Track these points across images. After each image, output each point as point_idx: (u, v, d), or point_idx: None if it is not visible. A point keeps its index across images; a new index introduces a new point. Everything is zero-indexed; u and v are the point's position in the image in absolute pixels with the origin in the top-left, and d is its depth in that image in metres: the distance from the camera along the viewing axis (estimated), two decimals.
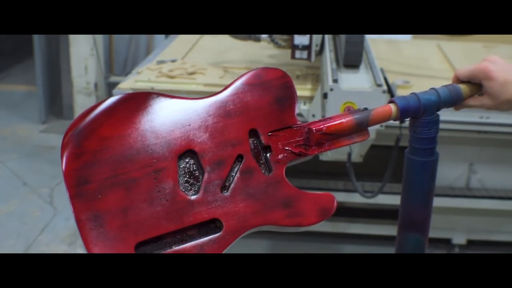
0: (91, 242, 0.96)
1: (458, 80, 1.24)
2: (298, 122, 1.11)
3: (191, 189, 1.03)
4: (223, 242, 1.00)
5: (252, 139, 1.07)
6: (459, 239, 3.01)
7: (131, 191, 0.99)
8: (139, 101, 1.03)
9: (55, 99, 5.10)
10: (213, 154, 1.04)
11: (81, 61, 3.89)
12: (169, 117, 1.04)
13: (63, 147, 1.00)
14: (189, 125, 1.04)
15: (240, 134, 1.06)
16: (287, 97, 1.09)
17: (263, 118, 1.08)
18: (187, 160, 1.04)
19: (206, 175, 1.03)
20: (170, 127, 1.03)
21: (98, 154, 0.99)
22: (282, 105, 1.09)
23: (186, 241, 1.00)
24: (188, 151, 1.04)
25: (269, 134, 1.08)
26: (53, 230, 3.40)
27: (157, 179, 1.01)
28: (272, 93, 1.09)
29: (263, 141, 1.07)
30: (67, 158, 1.00)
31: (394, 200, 2.65)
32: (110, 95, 2.87)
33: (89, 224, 0.96)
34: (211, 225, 1.02)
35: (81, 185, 0.98)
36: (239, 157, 1.05)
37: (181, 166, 1.03)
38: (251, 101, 1.07)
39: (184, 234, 1.01)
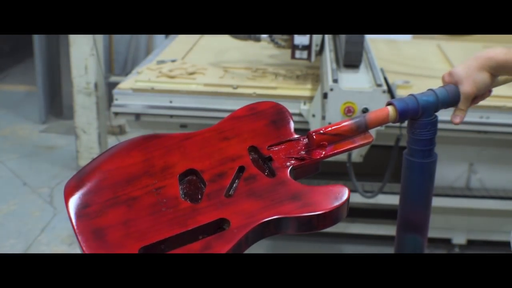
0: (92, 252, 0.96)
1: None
2: (296, 136, 1.11)
3: (193, 199, 1.02)
4: (230, 237, 0.96)
5: (252, 153, 1.08)
6: (459, 239, 3.01)
7: (133, 207, 1.00)
8: (137, 142, 1.08)
9: (55, 99, 5.10)
10: (214, 169, 1.05)
11: (81, 61, 3.88)
12: (167, 148, 1.07)
13: (66, 186, 1.03)
14: (187, 151, 1.07)
15: (239, 151, 1.08)
16: (281, 119, 1.13)
17: (260, 137, 1.09)
18: (188, 177, 1.05)
19: (208, 186, 1.03)
20: (168, 155, 1.06)
21: (98, 183, 1.02)
22: (277, 125, 1.11)
23: (192, 240, 0.97)
24: (188, 170, 1.05)
25: (268, 148, 1.08)
26: (53, 230, 3.40)
27: (159, 194, 1.01)
28: (266, 118, 1.11)
29: (263, 154, 1.07)
30: (68, 190, 1.02)
31: (394, 200, 2.65)
32: (110, 95, 2.87)
33: (90, 237, 0.97)
34: (217, 224, 0.99)
35: (82, 208, 0.99)
36: (241, 168, 1.05)
37: (182, 182, 1.04)
38: (246, 127, 1.10)
39: (189, 235, 0.99)
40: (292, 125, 1.11)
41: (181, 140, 1.08)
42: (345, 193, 1.01)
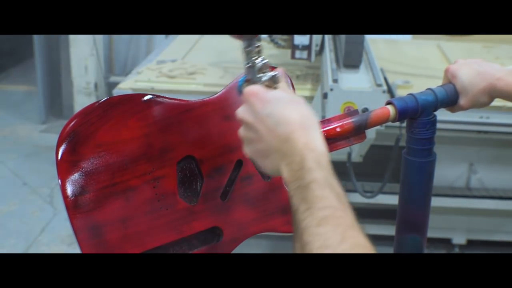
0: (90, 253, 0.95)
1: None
2: None
3: (191, 197, 1.01)
4: (222, 251, 1.01)
5: None
6: (459, 239, 3.01)
7: (131, 201, 0.97)
8: (135, 104, 0.98)
9: (55, 99, 5.10)
10: (212, 160, 1.02)
11: (81, 61, 3.89)
12: (167, 122, 1.00)
13: (59, 152, 0.95)
14: (187, 129, 1.01)
15: (238, 138, 1.05)
16: None
17: None
18: (186, 166, 1.01)
19: (205, 182, 1.01)
20: (168, 133, 0.99)
21: (94, 162, 0.95)
22: None
23: (186, 251, 1.00)
24: (187, 157, 1.01)
25: None
26: (53, 230, 3.40)
27: (157, 187, 0.98)
28: None
29: None
30: (63, 167, 0.94)
31: (394, 200, 2.64)
32: (110, 95, 2.87)
33: (88, 235, 0.95)
34: (211, 233, 1.02)
35: (78, 195, 0.94)
36: (238, 163, 1.04)
37: (180, 173, 1.01)
38: None
39: (184, 243, 1.00)
40: None
41: (181, 112, 1.01)
42: None
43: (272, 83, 0.96)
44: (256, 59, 0.98)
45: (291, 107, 0.90)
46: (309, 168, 0.82)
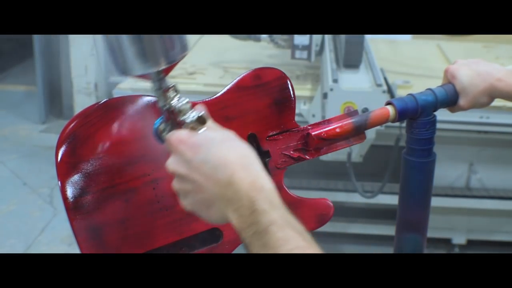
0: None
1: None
2: (297, 125, 1.10)
3: None
4: (222, 252, 1.01)
5: (250, 144, 1.06)
6: (459, 239, 3.01)
7: (130, 202, 0.97)
8: (135, 105, 0.99)
9: (55, 99, 5.10)
10: None
11: (81, 61, 3.89)
12: None
13: (58, 154, 0.95)
14: None
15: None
16: (285, 99, 1.07)
17: (261, 122, 1.05)
18: None
19: None
20: None
21: (94, 163, 0.95)
22: (281, 108, 1.07)
23: (186, 252, 1.00)
24: None
25: (267, 138, 1.06)
26: (53, 230, 3.40)
27: (156, 188, 0.98)
28: (270, 96, 1.06)
29: (262, 147, 1.06)
30: (62, 168, 0.95)
31: (394, 200, 2.64)
32: (110, 95, 2.87)
33: (88, 237, 0.95)
34: (210, 234, 1.02)
35: (78, 197, 0.95)
36: None
37: None
38: (249, 105, 1.05)
39: (183, 244, 1.00)
40: (294, 108, 1.08)
41: None
42: (329, 215, 1.07)
43: (198, 124, 0.83)
44: (173, 100, 0.84)
45: (225, 147, 0.80)
46: (262, 210, 0.75)
